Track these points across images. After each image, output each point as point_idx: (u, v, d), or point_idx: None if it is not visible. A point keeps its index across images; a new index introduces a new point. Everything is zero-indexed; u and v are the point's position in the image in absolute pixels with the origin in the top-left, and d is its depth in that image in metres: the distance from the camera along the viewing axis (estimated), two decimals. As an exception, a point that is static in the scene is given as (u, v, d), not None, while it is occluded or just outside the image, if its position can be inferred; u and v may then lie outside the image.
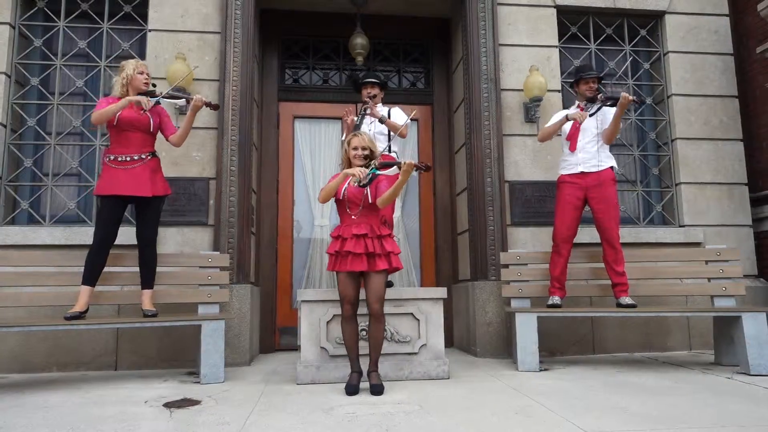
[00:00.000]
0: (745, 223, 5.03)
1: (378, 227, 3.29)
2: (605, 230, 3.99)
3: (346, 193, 3.28)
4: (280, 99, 5.43)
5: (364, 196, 3.25)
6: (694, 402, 2.86)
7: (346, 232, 3.24)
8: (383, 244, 3.24)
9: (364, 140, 3.32)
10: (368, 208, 3.27)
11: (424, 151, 5.61)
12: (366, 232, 3.22)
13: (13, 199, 4.46)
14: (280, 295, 5.18)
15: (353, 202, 3.27)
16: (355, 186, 3.26)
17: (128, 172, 3.58)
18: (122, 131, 3.61)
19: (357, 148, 3.31)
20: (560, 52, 5.10)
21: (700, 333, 4.76)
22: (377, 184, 3.28)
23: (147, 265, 3.73)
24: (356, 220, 3.25)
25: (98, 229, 3.59)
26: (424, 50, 5.76)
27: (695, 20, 5.29)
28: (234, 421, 2.58)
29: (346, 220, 3.30)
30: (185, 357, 4.14)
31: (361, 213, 3.26)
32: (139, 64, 3.74)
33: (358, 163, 3.29)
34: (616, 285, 3.99)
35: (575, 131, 4.10)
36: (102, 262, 3.61)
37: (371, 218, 3.29)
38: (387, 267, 3.22)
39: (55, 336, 4.06)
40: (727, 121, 5.16)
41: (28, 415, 2.74)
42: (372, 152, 3.32)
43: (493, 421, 2.54)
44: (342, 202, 3.32)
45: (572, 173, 4.08)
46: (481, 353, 4.47)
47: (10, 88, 4.49)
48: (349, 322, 3.22)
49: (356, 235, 3.20)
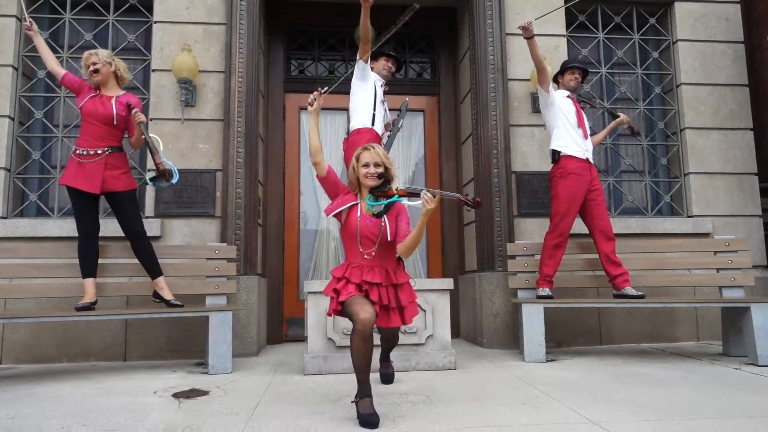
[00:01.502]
0: (754, 213, 4.99)
1: (394, 273, 2.67)
2: (603, 220, 3.98)
3: (360, 227, 2.63)
4: (286, 90, 5.41)
5: (382, 232, 2.62)
6: (702, 393, 2.85)
7: (355, 276, 2.59)
8: (399, 296, 2.65)
9: (377, 155, 2.62)
10: (385, 247, 2.65)
11: (430, 142, 5.59)
12: (380, 281, 2.59)
13: (21, 192, 4.50)
14: (287, 286, 5.20)
15: (368, 238, 2.63)
16: (370, 215, 2.65)
17: (83, 166, 3.55)
18: (86, 122, 3.62)
19: (368, 165, 2.61)
20: (568, 41, 5.05)
21: (708, 324, 4.74)
22: (397, 216, 2.66)
23: (145, 256, 3.73)
24: (369, 262, 2.63)
25: (78, 224, 3.62)
26: (430, 41, 5.72)
27: (705, 8, 5.21)
28: (242, 411, 2.60)
29: (356, 258, 2.65)
30: (193, 348, 4.17)
31: (376, 252, 2.64)
32: (84, 59, 3.67)
33: (371, 183, 2.62)
34: (617, 276, 3.94)
35: (581, 116, 4.09)
36: (94, 254, 3.64)
37: (387, 260, 2.66)
38: (400, 325, 2.69)
39: (64, 327, 4.10)
40: (737, 110, 5.10)
41: (39, 404, 2.78)
42: (387, 170, 2.64)
43: (500, 411, 2.55)
44: (351, 234, 2.66)
45: (580, 158, 3.99)
46: (488, 344, 4.47)
47: (18, 81, 4.51)
48: (365, 339, 2.40)
49: (368, 283, 2.58)
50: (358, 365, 2.44)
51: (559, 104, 4.07)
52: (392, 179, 2.68)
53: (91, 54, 3.67)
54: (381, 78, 4.10)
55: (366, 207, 2.66)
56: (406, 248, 2.58)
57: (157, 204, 4.39)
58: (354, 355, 2.44)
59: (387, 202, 2.61)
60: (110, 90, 3.71)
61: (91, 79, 3.66)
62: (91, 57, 3.65)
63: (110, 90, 3.71)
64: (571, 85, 4.18)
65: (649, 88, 5.29)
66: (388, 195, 2.62)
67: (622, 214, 4.99)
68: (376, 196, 2.65)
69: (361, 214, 2.65)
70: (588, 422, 2.34)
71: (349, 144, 3.88)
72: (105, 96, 3.66)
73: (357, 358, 2.43)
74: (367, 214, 2.66)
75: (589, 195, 4.00)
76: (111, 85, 3.72)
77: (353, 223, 2.64)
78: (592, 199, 4.00)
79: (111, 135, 3.63)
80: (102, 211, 3.89)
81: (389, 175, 2.66)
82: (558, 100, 4.08)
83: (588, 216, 4.04)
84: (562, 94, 4.16)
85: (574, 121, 4.05)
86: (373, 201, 2.63)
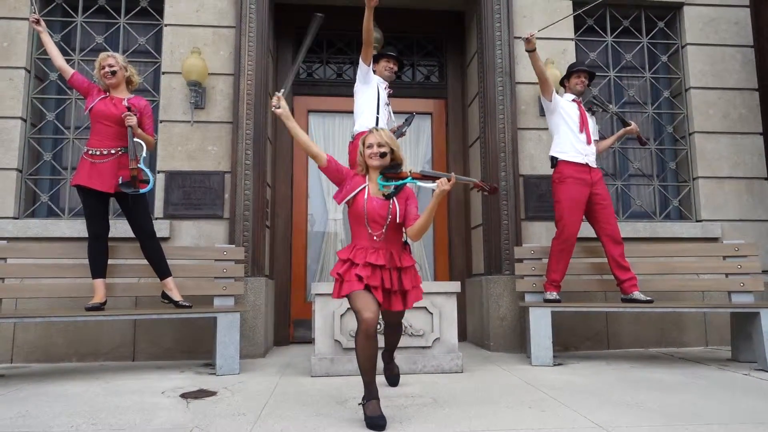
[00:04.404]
0: (764, 218, 4.95)
1: (399, 256, 2.69)
2: (611, 225, 3.97)
3: (367, 209, 2.64)
4: (295, 93, 5.44)
5: (390, 213, 2.65)
6: (710, 398, 2.84)
7: (359, 258, 2.60)
8: (402, 280, 2.65)
9: (381, 136, 2.68)
10: (392, 229, 2.67)
11: (437, 145, 5.60)
12: (384, 263, 2.60)
13: (33, 193, 4.54)
14: (295, 288, 5.22)
15: (375, 221, 2.64)
16: (380, 196, 2.67)
17: (96, 166, 3.58)
18: (97, 122, 3.64)
19: (372, 146, 2.67)
20: (576, 44, 5.05)
21: (716, 329, 4.71)
22: (406, 200, 2.70)
23: (154, 257, 3.74)
24: (376, 243, 2.64)
25: (88, 225, 3.65)
26: (438, 44, 5.74)
27: (714, 11, 5.19)
28: (250, 412, 2.62)
29: (362, 241, 2.66)
30: (201, 348, 4.19)
31: (384, 234, 2.66)
32: (101, 60, 3.70)
33: (375, 163, 2.67)
34: (626, 280, 3.93)
35: (585, 121, 4.07)
36: (104, 255, 3.68)
37: (393, 243, 2.69)
38: (402, 309, 2.68)
39: (74, 327, 4.14)
40: (746, 114, 5.07)
41: (49, 403, 2.80)
42: (393, 151, 2.69)
43: (507, 415, 2.54)
44: (358, 216, 2.67)
45: (578, 163, 3.97)
46: (495, 347, 4.47)
47: (30, 83, 4.56)
48: (369, 338, 2.44)
49: (371, 265, 2.59)
50: (364, 366, 2.46)
51: (561, 110, 4.06)
52: (401, 162, 2.71)
53: (109, 56, 3.70)
54: (384, 80, 4.10)
55: (374, 189, 2.68)
56: (415, 231, 2.62)
57: (166, 205, 4.43)
58: (359, 355, 2.46)
59: (398, 183, 2.63)
60: (120, 93, 3.74)
61: (103, 80, 3.68)
62: (109, 59, 3.68)
63: (120, 93, 3.74)
64: (578, 88, 4.17)
65: (657, 92, 5.27)
66: (400, 177, 2.65)
67: (630, 218, 4.97)
68: (387, 177, 2.66)
69: (369, 196, 2.66)
70: (595, 426, 2.34)
71: (354, 147, 3.90)
72: (116, 98, 3.69)
73: (362, 359, 2.45)
74: (376, 196, 2.67)
75: (594, 198, 3.99)
76: (121, 89, 3.75)
77: (360, 204, 2.65)
78: (597, 203, 3.99)
79: (123, 135, 3.64)
80: (111, 212, 3.91)
81: (396, 157, 2.70)
82: (561, 106, 4.07)
83: (595, 220, 4.04)
84: (568, 98, 4.15)
85: (577, 126, 4.04)
86: (384, 182, 2.65)
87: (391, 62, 4.14)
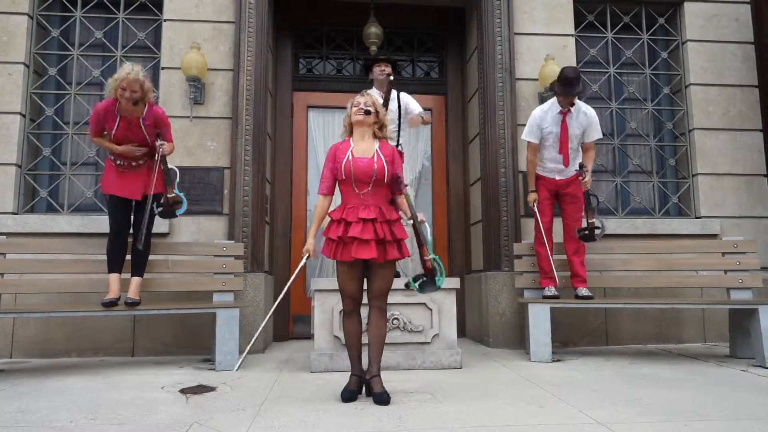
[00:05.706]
0: (763, 215, 4.96)
1: (387, 210, 2.86)
2: (574, 225, 4.02)
3: (353, 169, 2.81)
4: (294, 89, 5.43)
5: (376, 173, 2.81)
6: (709, 394, 2.85)
7: (351, 216, 2.78)
8: (393, 231, 2.82)
9: (368, 98, 2.91)
10: (378, 185, 2.84)
11: (437, 141, 5.59)
12: (375, 216, 2.78)
13: (32, 188, 4.54)
14: (294, 283, 5.21)
15: (361, 180, 2.82)
16: (364, 158, 2.84)
17: (124, 175, 3.63)
18: (120, 142, 3.59)
19: (359, 104, 2.89)
20: (576, 41, 5.03)
21: (715, 325, 4.72)
22: (393, 161, 2.88)
23: (139, 259, 3.71)
24: (364, 200, 2.82)
25: (110, 222, 3.68)
26: (438, 40, 5.72)
27: (715, 8, 5.19)
28: (249, 407, 2.62)
29: (351, 199, 2.85)
30: (200, 344, 4.20)
31: (370, 191, 2.83)
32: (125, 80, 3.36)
33: (359, 117, 2.86)
34: (577, 275, 4.02)
35: (565, 140, 4.02)
36: (122, 250, 3.67)
37: (380, 198, 2.86)
38: (399, 257, 2.85)
39: (74, 322, 4.14)
40: (746, 111, 5.07)
41: (49, 398, 2.81)
42: (377, 113, 2.91)
43: (506, 410, 2.55)
44: (346, 177, 2.85)
45: (548, 177, 4.09)
46: (494, 344, 4.48)
47: (29, 78, 4.55)
48: (351, 317, 2.84)
49: (363, 220, 2.77)
50: (349, 341, 2.87)
51: (544, 135, 4.06)
52: (383, 126, 2.94)
53: (135, 80, 3.37)
54: (380, 84, 4.20)
55: (359, 150, 2.87)
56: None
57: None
58: (346, 332, 2.90)
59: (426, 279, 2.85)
60: (136, 111, 3.54)
61: (122, 99, 3.41)
62: (134, 83, 3.36)
63: (136, 111, 3.54)
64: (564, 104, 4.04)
65: (657, 89, 5.27)
66: (427, 269, 2.86)
67: (629, 215, 4.97)
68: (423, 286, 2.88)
69: (353, 157, 2.84)
70: (594, 422, 2.34)
71: None
72: (133, 120, 3.55)
73: (346, 336, 2.90)
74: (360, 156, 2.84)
75: (568, 202, 4.06)
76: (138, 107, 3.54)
77: (347, 166, 2.83)
78: (566, 195, 4.06)
79: (146, 146, 3.66)
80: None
81: (379, 120, 2.92)
82: (543, 131, 4.05)
83: (563, 220, 4.11)
84: (554, 110, 4.05)
85: (556, 148, 4.05)
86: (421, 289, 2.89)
87: (382, 65, 4.25)
